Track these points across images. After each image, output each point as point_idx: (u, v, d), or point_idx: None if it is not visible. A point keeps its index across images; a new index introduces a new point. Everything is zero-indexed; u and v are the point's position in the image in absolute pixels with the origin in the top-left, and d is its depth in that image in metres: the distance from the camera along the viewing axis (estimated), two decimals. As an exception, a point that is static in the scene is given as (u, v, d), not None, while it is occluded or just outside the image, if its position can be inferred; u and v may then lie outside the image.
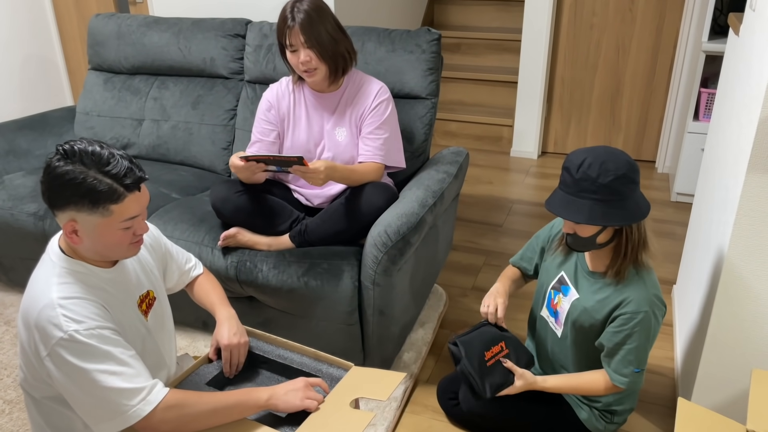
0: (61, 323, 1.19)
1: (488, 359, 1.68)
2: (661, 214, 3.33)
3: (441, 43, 2.33)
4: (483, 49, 4.41)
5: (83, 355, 1.19)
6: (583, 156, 1.47)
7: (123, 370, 1.21)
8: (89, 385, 1.20)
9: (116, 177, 1.21)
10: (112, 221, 1.23)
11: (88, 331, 1.20)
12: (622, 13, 3.74)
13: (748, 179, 1.52)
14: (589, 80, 3.94)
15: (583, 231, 1.53)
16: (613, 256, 1.58)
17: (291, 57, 1.96)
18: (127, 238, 1.28)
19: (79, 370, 1.19)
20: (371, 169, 2.04)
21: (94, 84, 2.87)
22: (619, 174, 1.44)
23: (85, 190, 1.19)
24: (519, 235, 3.11)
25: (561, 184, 1.53)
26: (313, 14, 1.90)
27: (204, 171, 2.66)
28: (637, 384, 1.61)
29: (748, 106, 1.61)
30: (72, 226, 1.23)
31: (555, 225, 1.80)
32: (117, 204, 1.22)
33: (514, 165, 4.02)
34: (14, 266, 2.51)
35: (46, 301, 1.22)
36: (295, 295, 1.95)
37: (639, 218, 1.49)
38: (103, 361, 1.20)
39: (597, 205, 1.46)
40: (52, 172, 1.20)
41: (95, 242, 1.25)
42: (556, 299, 1.72)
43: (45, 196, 1.23)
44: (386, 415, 1.92)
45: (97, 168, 1.20)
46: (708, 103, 3.24)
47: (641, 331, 1.54)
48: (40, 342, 1.21)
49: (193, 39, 2.67)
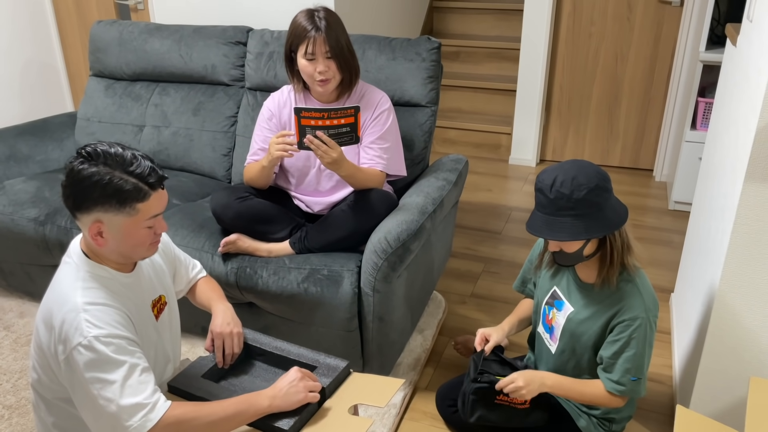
0: (83, 328, 1.21)
1: (500, 399, 1.69)
2: (658, 222, 3.34)
3: (441, 51, 2.34)
4: (482, 58, 4.43)
5: (97, 362, 1.20)
6: (553, 175, 1.48)
7: (130, 384, 1.21)
8: (96, 395, 1.20)
9: (141, 176, 1.24)
10: (138, 220, 1.26)
11: (107, 338, 1.21)
12: (620, 22, 3.77)
13: (746, 188, 1.53)
14: (587, 88, 3.96)
15: (569, 247, 1.54)
16: (600, 265, 1.59)
17: (306, 65, 1.95)
18: (149, 237, 1.30)
19: (90, 378, 1.20)
20: (374, 174, 2.05)
21: (95, 90, 2.88)
22: (591, 186, 1.45)
23: (113, 191, 1.21)
24: (518, 243, 3.12)
25: (537, 206, 1.53)
26: (335, 26, 1.93)
27: (204, 177, 2.67)
28: (636, 393, 1.59)
29: (746, 115, 1.62)
30: (98, 227, 1.25)
31: (540, 242, 1.81)
32: (143, 202, 1.25)
33: (513, 172, 4.04)
34: (14, 271, 2.51)
35: (71, 305, 1.23)
36: (294, 301, 1.96)
37: (620, 224, 1.50)
38: (114, 371, 1.21)
39: (577, 220, 1.47)
40: (76, 175, 1.22)
41: (120, 243, 1.28)
42: (551, 314, 1.72)
43: (69, 200, 1.25)
44: (385, 421, 1.92)
45: (122, 168, 1.23)
46: (705, 113, 3.25)
47: (639, 338, 1.54)
48: (60, 344, 1.22)
49: (194, 46, 2.69)
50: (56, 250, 2.30)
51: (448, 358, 2.26)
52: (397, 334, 2.04)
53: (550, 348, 1.73)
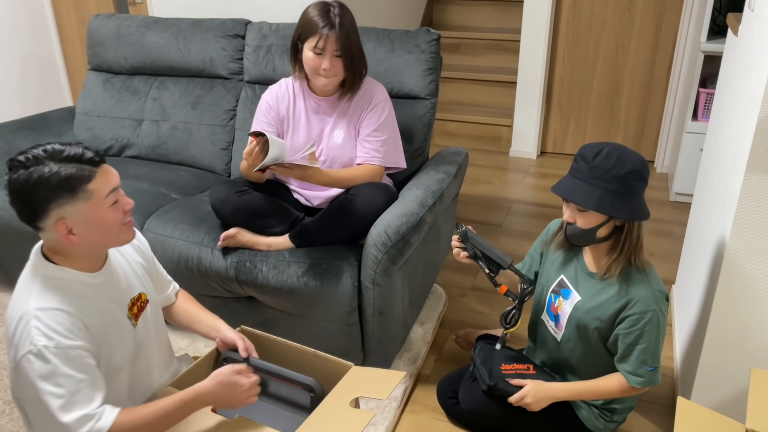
0: (33, 336, 1.18)
1: (506, 370, 1.74)
2: (660, 213, 3.33)
3: (440, 43, 2.33)
4: (482, 50, 4.41)
5: (44, 373, 1.18)
6: (601, 146, 1.49)
7: (78, 398, 1.20)
8: (41, 405, 1.19)
9: (76, 158, 1.21)
10: (97, 202, 1.23)
11: (57, 348, 1.19)
12: (620, 13, 3.75)
13: (747, 178, 1.52)
14: (588, 80, 3.95)
15: (585, 221, 1.53)
16: (608, 254, 1.59)
17: (312, 58, 1.93)
18: (117, 216, 1.27)
19: (35, 388, 1.18)
20: (367, 171, 2.04)
21: (94, 84, 2.87)
22: (634, 169, 1.46)
23: (57, 182, 1.19)
24: (518, 235, 3.11)
25: (571, 171, 1.53)
26: (350, 26, 1.91)
27: (203, 171, 2.66)
28: (654, 382, 1.61)
29: (747, 105, 1.61)
30: (64, 225, 1.22)
31: (551, 227, 1.81)
32: (91, 182, 1.22)
33: (513, 165, 4.03)
34: (14, 267, 2.51)
35: (23, 310, 1.21)
36: (294, 295, 1.95)
37: (644, 217, 1.51)
38: (61, 384, 1.19)
39: (607, 194, 1.47)
40: (16, 184, 1.19)
41: (92, 232, 1.25)
42: (557, 303, 1.72)
43: (24, 212, 1.21)
44: (386, 414, 1.92)
45: (56, 159, 1.20)
46: (707, 103, 3.24)
47: (651, 330, 1.55)
48: (12, 350, 1.21)
49: (192, 39, 2.68)
50: (56, 245, 2.30)
51: (448, 350, 2.26)
52: (398, 328, 2.04)
53: (555, 336, 1.73)
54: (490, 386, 1.71)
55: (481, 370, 1.76)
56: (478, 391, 1.76)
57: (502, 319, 1.75)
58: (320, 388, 1.48)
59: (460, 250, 1.73)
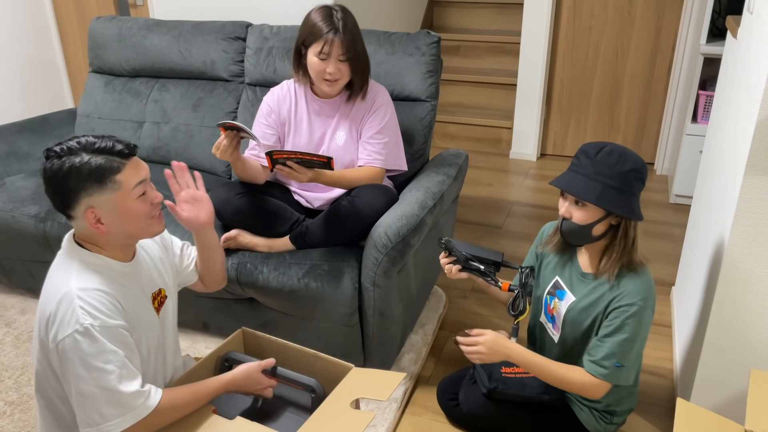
0: (78, 315, 1.22)
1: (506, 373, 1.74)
2: (659, 215, 3.34)
3: (440, 45, 2.34)
4: (482, 52, 4.42)
5: (92, 351, 1.21)
6: (603, 144, 1.51)
7: (125, 374, 1.24)
8: (94, 381, 1.22)
9: (107, 150, 1.27)
10: (125, 192, 1.28)
11: (102, 327, 1.23)
12: (620, 15, 3.75)
13: (746, 181, 1.53)
14: (588, 82, 3.96)
15: (582, 216, 1.53)
16: (603, 253, 1.60)
17: (317, 63, 1.93)
18: (145, 208, 1.32)
19: (86, 365, 1.22)
20: (368, 173, 2.04)
21: (95, 86, 2.88)
22: (636, 168, 1.49)
23: (88, 171, 1.24)
24: (518, 237, 3.12)
25: (572, 166, 1.54)
26: (354, 30, 1.92)
27: (204, 173, 2.67)
28: (618, 380, 1.56)
29: (746, 108, 1.62)
30: (93, 214, 1.27)
31: (545, 230, 1.81)
32: (120, 173, 1.27)
33: (514, 167, 4.03)
34: (15, 268, 2.52)
35: (65, 291, 1.25)
36: (295, 296, 1.96)
37: (640, 218, 1.53)
38: (110, 360, 1.23)
39: (608, 189, 1.48)
40: (50, 172, 1.26)
41: (120, 222, 1.30)
42: (552, 304, 1.73)
43: (56, 199, 1.28)
44: (386, 416, 1.92)
45: (88, 151, 1.26)
46: (706, 106, 3.25)
47: (631, 324, 1.53)
48: (55, 331, 1.23)
49: (193, 42, 2.68)
50: (57, 246, 2.27)
51: (448, 352, 2.26)
52: (398, 329, 2.04)
53: (554, 337, 1.73)
54: (490, 389, 1.72)
55: (481, 373, 1.77)
56: (479, 393, 1.77)
57: (508, 309, 1.69)
58: (321, 388, 1.49)
59: (451, 265, 1.70)
